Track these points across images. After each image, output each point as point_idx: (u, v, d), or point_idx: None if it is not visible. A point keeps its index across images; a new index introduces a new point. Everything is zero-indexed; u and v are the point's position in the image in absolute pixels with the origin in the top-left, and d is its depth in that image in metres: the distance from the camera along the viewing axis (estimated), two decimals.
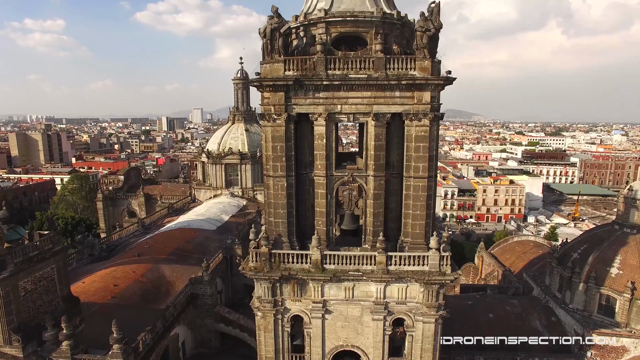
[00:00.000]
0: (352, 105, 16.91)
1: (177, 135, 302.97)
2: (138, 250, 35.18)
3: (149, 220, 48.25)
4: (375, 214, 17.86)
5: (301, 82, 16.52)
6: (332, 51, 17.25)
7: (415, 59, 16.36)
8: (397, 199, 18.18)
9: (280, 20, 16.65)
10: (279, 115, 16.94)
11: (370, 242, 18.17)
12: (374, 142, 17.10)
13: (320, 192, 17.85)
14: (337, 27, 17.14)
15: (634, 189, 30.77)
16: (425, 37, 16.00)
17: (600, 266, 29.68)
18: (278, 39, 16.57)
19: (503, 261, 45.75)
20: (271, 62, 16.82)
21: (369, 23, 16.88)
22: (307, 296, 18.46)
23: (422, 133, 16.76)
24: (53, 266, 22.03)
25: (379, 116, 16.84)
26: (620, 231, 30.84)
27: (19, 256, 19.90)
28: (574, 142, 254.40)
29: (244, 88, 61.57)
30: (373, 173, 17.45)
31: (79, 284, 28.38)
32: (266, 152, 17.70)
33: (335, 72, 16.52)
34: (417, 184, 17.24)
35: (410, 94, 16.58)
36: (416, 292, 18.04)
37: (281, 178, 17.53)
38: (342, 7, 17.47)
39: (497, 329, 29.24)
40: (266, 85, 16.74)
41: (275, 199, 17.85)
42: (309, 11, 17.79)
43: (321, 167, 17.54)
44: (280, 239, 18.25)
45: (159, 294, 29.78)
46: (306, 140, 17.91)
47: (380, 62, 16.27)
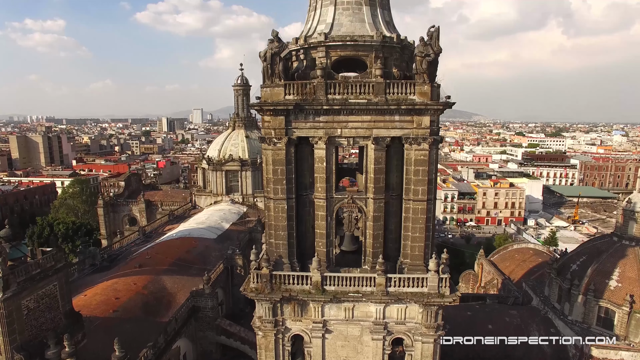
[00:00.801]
0: (352, 129, 17.05)
1: (178, 136, 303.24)
2: (139, 261, 35.37)
3: (150, 228, 48.43)
4: (375, 236, 18.01)
5: (301, 106, 16.67)
6: (332, 75, 17.39)
7: (415, 83, 16.49)
8: (397, 220, 18.32)
9: (280, 44, 16.79)
10: (280, 139, 17.08)
11: (370, 263, 18.32)
12: (374, 165, 17.24)
13: (320, 214, 18.00)
14: (337, 51, 17.29)
15: (632, 201, 30.91)
16: (425, 62, 16.14)
17: (599, 278, 29.85)
18: (278, 63, 16.71)
19: (503, 269, 45.92)
20: (271, 86, 16.96)
21: (368, 47, 17.03)
22: (307, 316, 18.62)
23: (422, 157, 16.91)
24: (55, 283, 22.21)
25: (378, 140, 16.98)
26: (619, 243, 30.99)
27: (21, 275, 20.07)
28: (574, 143, 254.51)
29: (244, 94, 61.70)
30: (373, 196, 17.59)
31: (80, 297, 28.58)
32: (267, 175, 17.85)
33: (335, 97, 16.66)
34: (417, 207, 17.38)
35: (409, 118, 16.72)
36: (415, 312, 18.19)
37: (282, 201, 17.67)
38: (342, 30, 17.61)
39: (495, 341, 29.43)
40: (266, 109, 16.89)
41: (275, 221, 18.00)
42: (308, 34, 17.93)
43: (321, 189, 17.69)
44: (281, 260, 18.41)
45: (160, 306, 29.96)
46: (306, 162, 18.05)
47: (380, 87, 16.41)
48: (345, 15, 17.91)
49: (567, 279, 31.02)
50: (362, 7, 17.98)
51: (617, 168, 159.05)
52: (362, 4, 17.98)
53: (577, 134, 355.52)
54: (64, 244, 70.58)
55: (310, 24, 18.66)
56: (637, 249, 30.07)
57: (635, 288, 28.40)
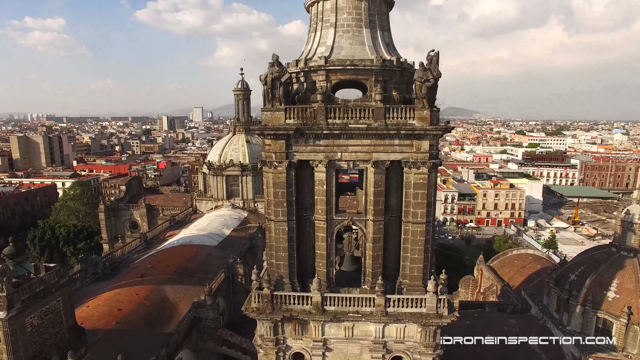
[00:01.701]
0: (352, 153, 17.23)
1: (178, 135, 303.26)
2: (141, 270, 35.64)
3: (151, 234, 48.70)
4: (375, 257, 18.23)
5: (302, 131, 16.85)
6: (332, 98, 17.56)
7: (415, 108, 16.66)
8: (396, 240, 18.53)
9: (281, 69, 16.94)
10: (280, 163, 17.27)
11: (370, 283, 18.55)
12: (374, 188, 17.44)
13: (320, 236, 18.22)
14: (337, 75, 17.44)
15: (630, 213, 31.11)
16: (425, 87, 16.29)
17: (597, 289, 30.10)
18: (279, 87, 16.87)
19: (502, 275, 46.18)
20: (272, 110, 17.13)
21: (368, 72, 17.18)
22: (308, 335, 18.87)
23: (421, 180, 17.09)
24: (59, 299, 22.42)
25: (378, 164, 17.17)
26: (618, 254, 31.21)
27: (25, 293, 20.29)
28: (574, 142, 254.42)
29: (245, 99, 61.94)
30: (372, 218, 17.80)
31: (83, 309, 28.87)
32: (267, 197, 18.06)
33: (336, 121, 16.84)
34: (416, 229, 17.59)
35: (409, 142, 16.90)
36: (414, 331, 18.44)
37: (282, 223, 17.89)
38: (342, 53, 17.76)
39: (495, 350, 29.73)
40: (267, 134, 17.08)
41: (276, 242, 18.22)
42: (308, 56, 18.08)
43: (321, 211, 17.90)
44: (282, 280, 18.65)
45: (162, 317, 30.26)
46: (307, 183, 18.24)
47: (379, 112, 16.58)
48: (345, 38, 18.06)
49: (565, 289, 31.28)
50: (362, 29, 18.12)
51: (618, 168, 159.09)
52: (362, 26, 18.12)
53: (578, 132, 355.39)
54: (66, 247, 71.11)
55: (310, 45, 18.82)
56: (635, 260, 30.31)
57: (633, 299, 28.64)
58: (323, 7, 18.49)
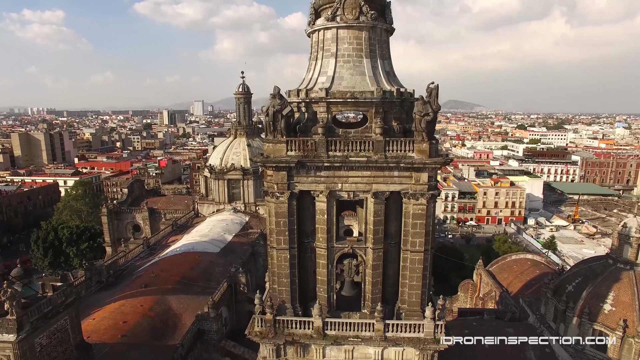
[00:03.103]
0: (352, 184, 17.59)
1: (179, 130, 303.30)
2: (145, 279, 36.21)
3: (154, 240, 49.25)
4: (374, 283, 18.69)
5: (303, 163, 17.18)
6: (332, 129, 17.86)
7: (414, 141, 16.96)
8: (395, 266, 18.96)
9: (282, 101, 17.21)
10: (282, 193, 17.64)
11: (369, 307, 19.03)
12: (373, 217, 17.81)
13: (321, 263, 18.66)
14: (338, 106, 17.72)
15: (627, 226, 31.48)
16: (424, 121, 16.58)
17: (593, 302, 30.59)
18: (280, 120, 17.17)
19: (501, 280, 46.79)
20: (274, 142, 17.44)
21: (369, 104, 17.45)
22: (309, 357, 19.40)
23: (420, 211, 17.46)
24: (66, 317, 23.01)
25: (378, 194, 17.52)
26: (614, 266, 31.65)
27: (34, 314, 20.85)
28: (575, 137, 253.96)
29: (246, 102, 62.00)
30: (372, 245, 18.21)
31: (89, 321, 29.48)
32: (270, 226, 18.45)
33: (336, 154, 17.16)
34: (414, 257, 18.01)
35: (408, 174, 17.23)
36: (412, 354, 18.94)
37: (284, 250, 18.31)
38: (343, 84, 18.01)
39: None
40: (269, 166, 17.42)
41: (279, 269, 18.67)
42: (309, 86, 18.33)
43: (322, 239, 18.31)
44: (284, 305, 19.13)
45: (166, 329, 30.87)
46: (308, 211, 18.62)
47: (379, 145, 16.89)
48: (345, 68, 18.28)
49: (562, 301, 31.78)
50: (363, 59, 18.33)
51: (619, 165, 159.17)
52: (363, 56, 18.33)
53: (580, 126, 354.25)
54: (69, 248, 71.88)
55: (311, 74, 19.03)
56: (632, 273, 30.75)
57: (629, 313, 29.14)
58: (324, 36, 18.68)
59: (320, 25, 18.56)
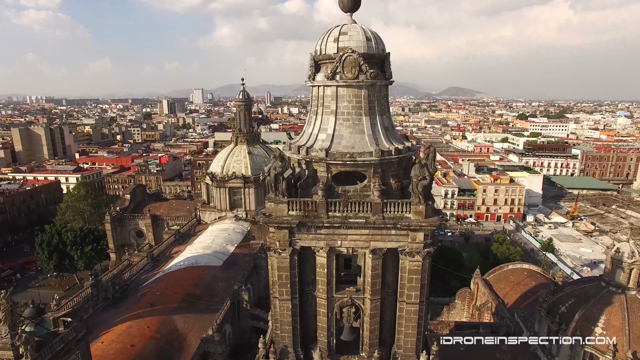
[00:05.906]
0: (351, 241, 18.30)
1: (179, 120, 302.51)
2: (150, 298, 37.21)
3: (158, 251, 50.25)
4: (372, 330, 19.59)
5: (304, 223, 17.85)
6: (332, 187, 18.47)
7: (411, 202, 17.58)
8: (392, 312, 19.85)
9: (283, 164, 17.79)
10: (284, 250, 18.37)
11: (367, 352, 19.99)
12: (371, 271, 18.58)
13: (322, 311, 19.53)
14: (338, 167, 18.28)
15: (620, 251, 32.27)
16: (421, 185, 17.17)
17: (585, 324, 31.62)
18: (282, 181, 17.76)
19: (497, 291, 47.94)
20: (276, 201, 18.08)
21: (367, 165, 18.02)
22: None
23: (415, 267, 18.21)
24: (78, 352, 24.03)
25: (375, 251, 18.25)
26: (606, 289, 32.57)
27: (48, 354, 21.82)
28: (577, 128, 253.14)
29: (246, 109, 62.24)
30: (370, 296, 19.04)
31: (98, 345, 30.57)
32: (272, 278, 19.25)
33: (336, 214, 17.81)
34: (410, 308, 18.86)
35: (405, 233, 17.90)
36: None
37: (286, 301, 19.17)
38: (343, 143, 18.54)
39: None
40: (271, 225, 18.10)
41: (281, 317, 19.57)
42: (309, 144, 18.86)
43: (323, 290, 19.13)
44: (287, 350, 20.10)
45: (172, 350, 32.03)
46: (309, 262, 19.39)
47: (377, 207, 17.52)
48: (345, 127, 18.77)
49: (555, 322, 32.86)
50: (362, 117, 18.80)
51: (619, 158, 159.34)
52: (362, 114, 18.79)
53: (581, 115, 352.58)
54: (73, 250, 73.17)
55: (312, 129, 19.53)
56: (623, 297, 31.71)
57: (619, 337, 30.21)
58: (324, 92, 19.11)
59: (320, 82, 18.98)
